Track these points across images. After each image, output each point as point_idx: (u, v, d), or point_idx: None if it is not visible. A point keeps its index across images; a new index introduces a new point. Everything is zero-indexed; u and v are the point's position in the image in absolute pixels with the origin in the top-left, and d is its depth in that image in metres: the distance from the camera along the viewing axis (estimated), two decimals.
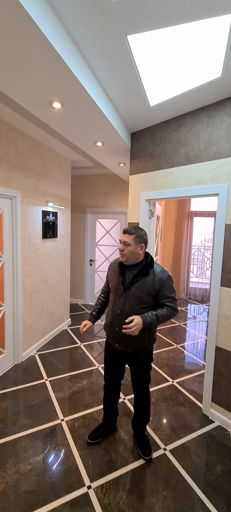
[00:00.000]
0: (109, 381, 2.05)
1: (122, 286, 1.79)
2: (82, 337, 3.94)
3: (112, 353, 1.93)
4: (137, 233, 1.75)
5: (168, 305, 1.76)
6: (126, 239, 1.74)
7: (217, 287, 2.28)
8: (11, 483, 1.71)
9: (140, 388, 1.96)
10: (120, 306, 1.79)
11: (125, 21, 1.49)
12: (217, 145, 2.29)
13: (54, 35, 1.49)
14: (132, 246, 1.74)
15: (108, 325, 1.90)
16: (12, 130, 2.78)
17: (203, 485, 1.75)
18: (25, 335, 3.23)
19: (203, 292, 6.45)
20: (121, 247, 1.77)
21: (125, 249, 1.75)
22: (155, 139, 2.80)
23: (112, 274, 1.92)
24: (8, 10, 1.25)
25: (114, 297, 1.84)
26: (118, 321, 1.80)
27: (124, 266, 1.84)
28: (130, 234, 1.75)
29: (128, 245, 1.74)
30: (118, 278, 1.83)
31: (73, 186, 5.40)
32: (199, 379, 2.97)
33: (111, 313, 1.85)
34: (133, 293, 1.75)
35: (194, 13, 1.42)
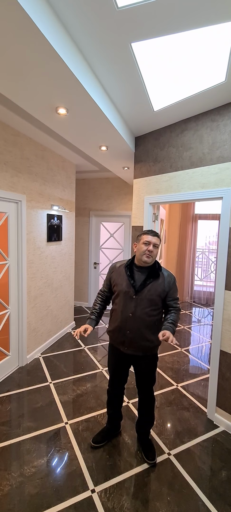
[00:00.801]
0: (114, 385, 2.04)
1: (132, 289, 1.79)
2: (86, 340, 3.94)
3: (119, 357, 1.93)
4: (161, 238, 1.87)
5: (174, 306, 1.84)
6: (156, 241, 1.79)
7: (222, 290, 2.27)
8: (15, 486, 1.72)
9: (145, 390, 1.95)
10: (131, 309, 1.78)
11: (129, 29, 1.52)
12: (221, 149, 2.29)
13: (60, 44, 1.52)
14: (158, 249, 1.82)
15: (116, 329, 1.86)
16: (18, 136, 2.82)
17: (208, 491, 1.73)
18: (29, 337, 3.26)
19: (207, 295, 6.41)
20: (151, 248, 1.77)
21: (153, 251, 1.78)
22: (159, 143, 2.81)
23: (118, 278, 1.88)
24: (17, 21, 1.29)
25: (124, 300, 1.82)
26: (129, 324, 1.79)
27: (132, 269, 1.85)
28: (158, 237, 1.83)
29: (157, 247, 1.80)
30: (126, 281, 1.82)
31: (78, 189, 5.44)
32: (203, 383, 2.95)
33: (121, 317, 1.82)
34: (145, 295, 1.77)
35: (198, 21, 1.44)
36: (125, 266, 1.88)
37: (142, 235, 1.84)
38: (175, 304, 1.85)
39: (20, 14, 1.25)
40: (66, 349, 3.64)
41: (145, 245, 1.79)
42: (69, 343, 3.83)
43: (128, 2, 1.35)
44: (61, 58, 1.54)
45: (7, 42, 1.44)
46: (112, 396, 2.08)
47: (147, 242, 1.78)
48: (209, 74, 1.91)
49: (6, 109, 2.32)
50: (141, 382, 1.95)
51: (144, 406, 2.00)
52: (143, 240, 1.80)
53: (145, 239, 1.80)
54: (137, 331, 1.78)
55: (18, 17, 1.27)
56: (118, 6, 1.37)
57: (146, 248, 1.78)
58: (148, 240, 1.79)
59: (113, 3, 1.35)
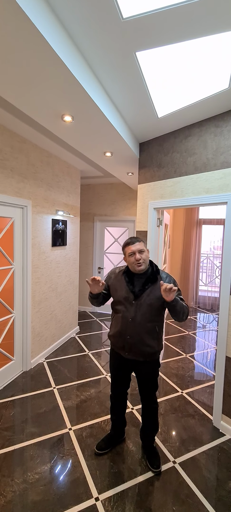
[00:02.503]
0: (117, 391, 2.03)
1: (132, 295, 1.79)
2: (90, 345, 3.94)
3: (120, 362, 1.92)
4: (142, 239, 1.84)
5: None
6: (139, 247, 1.77)
7: (227, 296, 2.25)
8: (18, 492, 1.71)
9: (147, 397, 1.94)
10: (131, 314, 1.78)
11: (134, 39, 1.54)
12: (225, 154, 2.29)
13: (66, 53, 1.55)
14: (145, 251, 1.80)
15: (117, 334, 1.87)
16: (24, 142, 2.87)
17: (214, 501, 1.70)
18: (33, 342, 3.26)
19: (212, 301, 6.35)
20: (138, 256, 1.75)
21: (141, 257, 1.76)
22: (163, 149, 2.82)
23: (117, 284, 1.88)
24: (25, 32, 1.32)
25: (124, 306, 1.81)
26: (129, 329, 1.79)
27: (131, 275, 1.84)
28: (139, 241, 1.80)
29: (143, 251, 1.78)
30: (126, 287, 1.82)
31: (82, 195, 5.48)
32: (209, 390, 2.90)
33: (121, 322, 1.82)
34: (145, 300, 1.76)
35: (202, 30, 1.46)
36: (123, 273, 1.88)
37: (125, 248, 1.83)
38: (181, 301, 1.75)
39: (28, 25, 1.28)
40: (70, 354, 3.64)
41: (131, 256, 1.78)
42: (73, 348, 3.83)
43: (132, 13, 1.37)
44: (67, 67, 1.57)
45: (15, 52, 1.47)
46: (115, 402, 2.06)
47: (131, 253, 1.77)
48: (213, 81, 1.92)
49: (13, 117, 2.36)
50: (142, 388, 1.94)
51: (147, 412, 1.98)
52: (127, 253, 1.80)
53: (128, 251, 1.79)
54: (137, 336, 1.77)
55: (26, 28, 1.30)
56: (123, 17, 1.39)
57: (134, 258, 1.76)
58: (131, 250, 1.77)
59: (119, 14, 1.38)
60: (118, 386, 2.02)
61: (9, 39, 1.38)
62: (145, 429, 2.02)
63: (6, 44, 1.41)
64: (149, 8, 1.34)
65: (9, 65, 1.59)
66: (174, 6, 1.32)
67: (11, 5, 1.18)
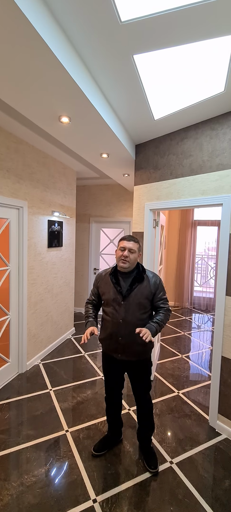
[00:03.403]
0: (111, 393, 2.03)
1: (120, 295, 1.79)
2: (86, 347, 3.92)
3: (113, 364, 1.92)
4: (139, 242, 1.85)
5: (162, 307, 1.83)
6: (132, 246, 1.77)
7: (222, 296, 2.28)
8: (15, 495, 1.69)
9: (141, 397, 1.94)
10: (121, 315, 1.78)
11: (131, 42, 1.55)
12: (221, 156, 2.32)
13: (64, 55, 1.55)
14: (136, 253, 1.80)
15: (108, 337, 1.85)
16: (20, 143, 2.85)
17: (211, 500, 1.71)
18: (29, 344, 3.24)
19: (207, 301, 6.40)
20: (126, 253, 1.76)
21: (129, 256, 1.77)
22: (159, 151, 2.84)
23: (105, 286, 1.88)
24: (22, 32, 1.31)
25: (113, 307, 1.81)
26: (120, 330, 1.79)
27: (117, 276, 1.84)
28: (135, 242, 1.81)
29: (133, 252, 1.78)
30: (113, 289, 1.82)
31: (78, 196, 5.47)
32: (204, 390, 2.93)
33: (112, 324, 1.81)
34: (133, 300, 1.77)
35: (198, 34, 1.48)
36: (109, 274, 1.87)
37: (119, 241, 1.84)
38: (163, 305, 1.83)
39: (26, 25, 1.28)
40: (66, 356, 3.62)
41: (121, 250, 1.79)
42: (69, 350, 3.81)
43: (130, 17, 1.39)
44: (65, 68, 1.57)
45: (12, 52, 1.47)
46: (110, 403, 2.06)
47: (123, 248, 1.78)
48: (209, 84, 1.95)
49: (9, 117, 2.34)
50: (136, 388, 1.94)
51: (142, 413, 1.98)
52: (119, 246, 1.81)
53: (121, 244, 1.80)
54: (129, 336, 1.77)
55: (24, 29, 1.30)
56: (121, 20, 1.40)
57: (121, 254, 1.78)
58: (123, 245, 1.78)
59: (117, 17, 1.38)
60: (112, 387, 2.02)
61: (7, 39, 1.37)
62: (141, 430, 2.03)
63: (4, 45, 1.41)
64: (146, 12, 1.36)
65: (6, 66, 1.58)
66: (171, 11, 1.33)
67: (10, 7, 1.17)
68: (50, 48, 1.42)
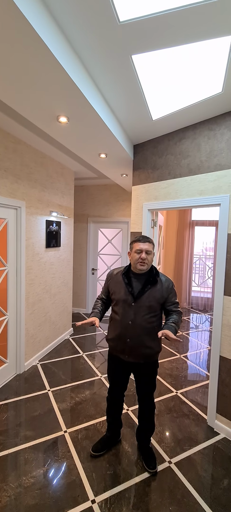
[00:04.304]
0: (114, 393, 2.02)
1: (131, 297, 1.77)
2: (85, 347, 3.92)
3: (120, 365, 1.90)
4: (153, 241, 1.83)
5: (174, 310, 1.83)
6: (148, 247, 1.76)
7: (220, 296, 2.28)
8: (13, 497, 1.68)
9: (145, 397, 1.94)
10: (131, 316, 1.76)
11: (130, 42, 1.55)
12: (218, 157, 2.33)
13: (63, 55, 1.55)
14: (152, 254, 1.80)
15: (116, 337, 1.83)
16: (18, 143, 2.84)
17: (209, 500, 1.71)
18: (27, 344, 3.23)
19: (205, 301, 6.43)
20: (144, 255, 1.74)
21: (147, 258, 1.75)
22: (157, 151, 2.85)
23: (115, 285, 1.86)
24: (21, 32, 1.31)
25: (123, 308, 1.79)
26: (129, 332, 1.77)
27: (130, 277, 1.83)
28: (150, 243, 1.79)
29: (150, 253, 1.77)
30: (124, 289, 1.80)
31: (76, 196, 5.46)
32: (202, 390, 2.94)
33: (121, 325, 1.80)
34: (144, 302, 1.75)
35: (197, 35, 1.48)
36: (122, 274, 1.85)
37: (134, 243, 1.81)
38: (175, 308, 1.84)
39: (25, 25, 1.27)
40: (64, 356, 3.61)
41: (137, 253, 1.76)
42: (67, 350, 3.80)
43: (129, 17, 1.39)
44: (64, 68, 1.57)
45: (11, 51, 1.46)
46: (112, 404, 2.05)
47: (139, 250, 1.75)
48: (207, 85, 1.95)
49: (7, 117, 2.33)
50: (141, 389, 1.94)
51: (144, 413, 1.98)
52: (135, 249, 1.78)
53: (137, 247, 1.77)
54: (137, 339, 1.76)
55: (22, 28, 1.29)
56: (119, 20, 1.40)
57: (139, 257, 1.75)
58: (139, 248, 1.75)
59: (115, 17, 1.38)
60: (116, 389, 2.00)
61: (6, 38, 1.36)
62: (142, 430, 2.03)
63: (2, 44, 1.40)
64: (145, 13, 1.36)
65: (4, 65, 1.58)
66: (169, 11, 1.34)
67: (9, 7, 1.17)
68: (48, 47, 1.41)
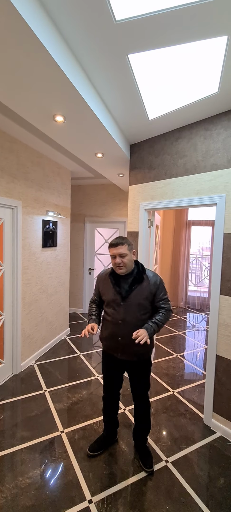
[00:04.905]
0: (109, 392, 2.03)
1: (119, 297, 1.78)
2: (81, 347, 3.91)
3: (113, 363, 1.92)
4: (127, 241, 1.79)
5: (163, 307, 1.82)
6: (121, 251, 1.73)
7: (217, 295, 2.30)
8: (10, 498, 1.67)
9: (140, 396, 1.94)
10: (121, 316, 1.78)
11: (126, 41, 1.55)
12: (214, 156, 2.34)
13: (59, 53, 1.54)
14: (128, 255, 1.76)
15: (108, 336, 1.86)
16: (14, 142, 2.82)
17: (206, 498, 1.72)
18: (24, 344, 3.21)
19: (201, 301, 6.46)
20: (118, 260, 1.73)
21: (122, 261, 1.74)
22: (154, 151, 2.85)
23: (105, 287, 1.88)
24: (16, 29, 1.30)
25: (113, 308, 1.81)
26: (120, 331, 1.79)
27: (117, 277, 1.82)
28: (123, 244, 1.75)
29: (125, 255, 1.75)
30: (113, 290, 1.81)
31: (73, 196, 5.45)
32: (199, 389, 2.95)
33: (112, 324, 1.82)
34: (132, 301, 1.76)
35: (193, 35, 1.49)
36: (109, 275, 1.86)
37: (109, 249, 1.80)
38: (164, 305, 1.82)
39: (20, 22, 1.26)
40: (61, 356, 3.60)
41: (112, 258, 1.77)
42: (64, 350, 3.79)
43: (125, 16, 1.38)
44: (59, 66, 1.56)
45: (6, 49, 1.45)
46: (108, 403, 2.06)
47: (113, 256, 1.76)
48: (203, 85, 1.96)
49: (3, 116, 2.32)
50: (136, 388, 1.94)
51: (139, 412, 1.98)
52: (110, 255, 1.79)
53: (110, 253, 1.78)
54: (128, 337, 1.75)
55: (18, 26, 1.28)
56: (115, 19, 1.40)
57: (114, 262, 1.76)
58: (112, 253, 1.76)
59: (112, 16, 1.38)
60: (111, 387, 2.01)
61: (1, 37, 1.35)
62: (138, 429, 2.03)
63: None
64: (141, 12, 1.36)
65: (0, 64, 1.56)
66: (165, 11, 1.34)
67: (4, 3, 1.16)
68: (44, 46, 1.40)
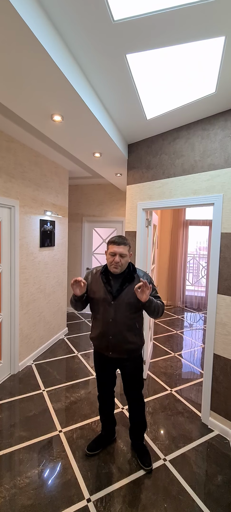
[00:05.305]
0: (104, 391, 2.02)
1: (110, 295, 1.77)
2: (79, 347, 3.91)
3: (105, 362, 1.91)
4: (129, 243, 1.79)
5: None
6: (122, 251, 1.72)
7: (214, 294, 2.31)
8: (8, 498, 1.67)
9: (133, 395, 1.94)
10: (112, 315, 1.77)
11: (124, 41, 1.55)
12: (212, 156, 2.35)
13: (57, 52, 1.54)
14: (127, 256, 1.76)
15: (99, 335, 1.84)
16: (12, 142, 2.81)
17: (204, 496, 1.74)
18: (21, 344, 3.20)
19: (199, 300, 6.49)
20: (117, 259, 1.71)
21: (121, 261, 1.72)
22: (152, 151, 2.86)
23: (95, 285, 1.84)
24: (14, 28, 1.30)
25: (103, 307, 1.79)
26: (111, 329, 1.78)
27: (108, 275, 1.82)
28: (125, 245, 1.74)
29: (125, 256, 1.74)
30: (104, 289, 1.79)
31: (71, 195, 5.44)
32: (196, 388, 2.97)
33: (102, 323, 1.80)
34: (123, 300, 1.76)
35: (190, 35, 1.49)
36: (100, 273, 1.84)
37: (109, 244, 1.76)
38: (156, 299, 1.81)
39: (18, 20, 1.26)
40: (59, 356, 3.59)
41: (111, 255, 1.73)
42: (62, 350, 3.78)
43: (123, 16, 1.39)
44: (58, 66, 1.56)
45: (3, 48, 1.44)
46: (103, 401, 2.05)
47: (113, 253, 1.72)
48: (200, 85, 1.97)
49: (1, 115, 2.30)
50: (129, 386, 1.94)
51: (134, 411, 1.98)
52: (109, 251, 1.74)
53: (111, 249, 1.73)
54: (119, 335, 1.77)
55: (16, 24, 1.28)
56: (113, 19, 1.40)
57: (113, 259, 1.72)
58: (113, 251, 1.72)
59: (110, 16, 1.38)
60: (104, 386, 2.01)
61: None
62: (134, 429, 2.03)
63: None
64: (139, 12, 1.36)
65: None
66: (163, 11, 1.34)
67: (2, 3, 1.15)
68: (42, 45, 1.40)
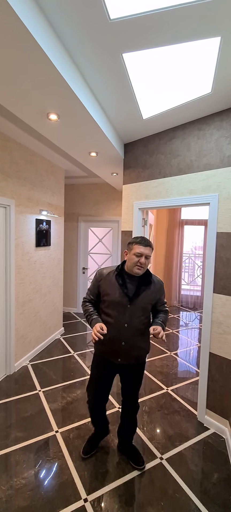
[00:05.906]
0: (99, 397, 1.93)
1: (126, 298, 1.69)
2: (76, 346, 3.90)
3: (108, 368, 1.83)
4: (153, 246, 1.77)
5: (163, 310, 1.85)
6: (148, 252, 1.67)
7: (210, 294, 2.33)
8: (4, 499, 1.66)
9: (132, 397, 1.91)
10: (126, 319, 1.69)
11: (121, 40, 1.55)
12: (208, 156, 2.37)
13: (53, 51, 1.53)
14: (150, 258, 1.73)
15: (108, 341, 1.71)
16: (7, 140, 2.78)
17: (200, 494, 1.75)
18: (17, 345, 3.17)
19: (194, 299, 6.53)
20: (143, 260, 1.65)
21: (145, 263, 1.67)
22: (148, 150, 2.87)
23: (108, 286, 1.74)
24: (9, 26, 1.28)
25: (117, 310, 1.71)
26: (124, 335, 1.70)
27: (123, 277, 1.74)
28: (151, 247, 1.70)
29: (149, 258, 1.70)
30: (119, 290, 1.70)
31: (66, 195, 5.42)
32: (192, 386, 2.99)
33: (114, 328, 1.70)
34: (139, 304, 1.71)
35: (186, 35, 1.50)
36: (115, 274, 1.75)
37: (134, 244, 1.69)
38: (164, 308, 1.86)
39: (13, 19, 1.25)
40: (55, 356, 3.58)
41: (136, 256, 1.66)
42: (58, 350, 3.77)
43: (119, 15, 1.39)
44: (54, 64, 1.55)
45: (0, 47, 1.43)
46: (96, 407, 1.96)
47: (139, 254, 1.65)
48: (196, 85, 1.98)
49: None
50: (129, 389, 1.89)
51: (130, 413, 1.95)
52: (135, 251, 1.66)
53: (137, 250, 1.65)
54: (131, 341, 1.71)
55: (11, 22, 1.27)
56: (110, 18, 1.40)
57: (138, 260, 1.65)
58: (140, 251, 1.65)
59: (106, 14, 1.38)
60: (101, 393, 1.92)
61: None
62: (127, 429, 1.99)
63: None
64: (136, 11, 1.36)
65: None
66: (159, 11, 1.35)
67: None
68: (38, 43, 1.39)
